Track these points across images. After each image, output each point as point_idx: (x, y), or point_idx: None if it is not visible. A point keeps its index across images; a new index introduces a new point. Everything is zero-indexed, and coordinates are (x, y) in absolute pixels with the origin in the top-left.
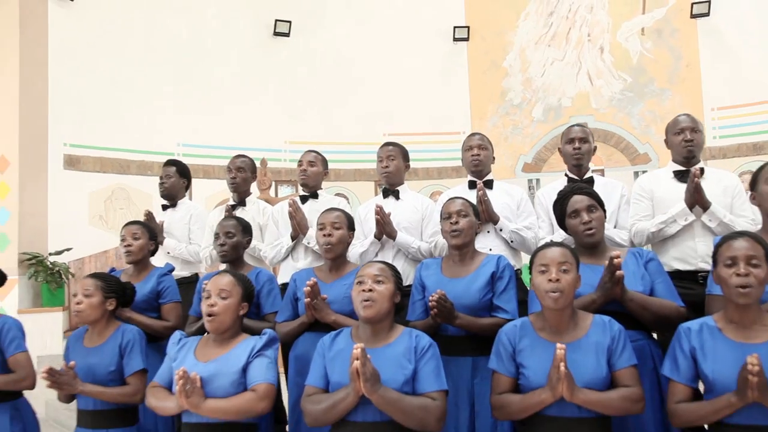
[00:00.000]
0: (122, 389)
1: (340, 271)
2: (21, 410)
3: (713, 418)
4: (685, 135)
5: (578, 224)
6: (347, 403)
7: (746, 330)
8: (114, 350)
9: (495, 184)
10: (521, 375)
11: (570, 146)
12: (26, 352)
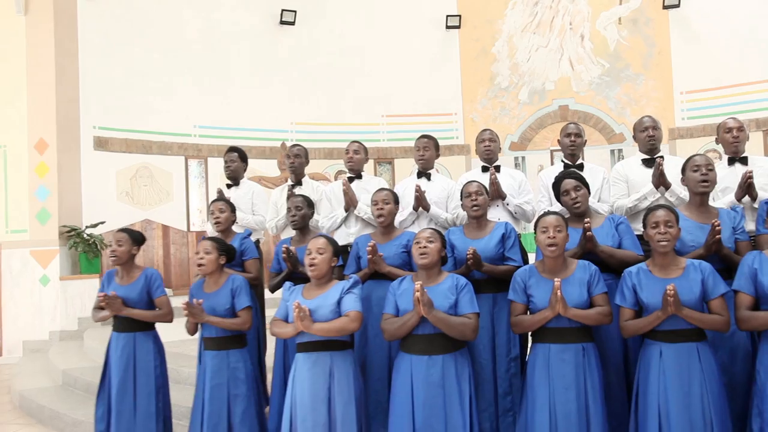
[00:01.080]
0: (235, 320)
1: (390, 235)
2: (158, 337)
3: (648, 327)
4: (648, 132)
5: (569, 200)
6: (412, 321)
7: (665, 270)
8: (227, 293)
9: (502, 169)
10: (530, 302)
11: (567, 139)
12: (166, 295)
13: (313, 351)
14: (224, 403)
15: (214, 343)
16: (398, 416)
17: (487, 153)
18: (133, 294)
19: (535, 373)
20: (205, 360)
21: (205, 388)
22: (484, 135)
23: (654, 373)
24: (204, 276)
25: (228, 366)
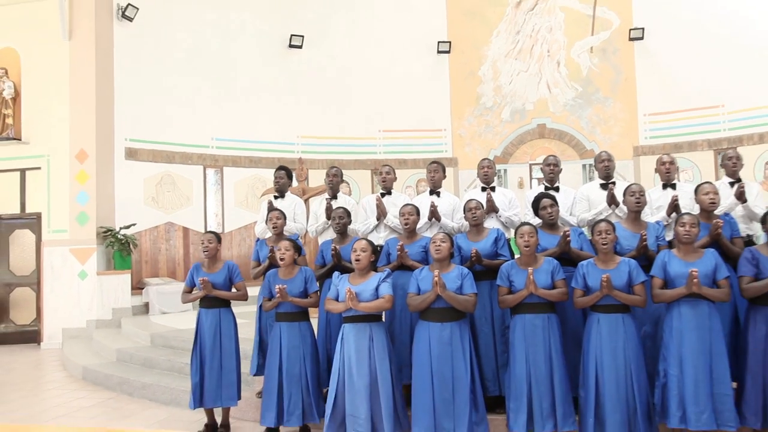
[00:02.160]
0: (308, 300)
1: (413, 238)
2: (233, 312)
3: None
4: (605, 163)
5: (545, 214)
6: (431, 298)
7: (606, 264)
8: (301, 280)
9: (496, 189)
10: (512, 285)
11: (548, 168)
12: (243, 281)
13: (359, 322)
14: (299, 359)
15: (289, 317)
16: (419, 365)
17: (486, 177)
18: (219, 280)
19: (515, 336)
20: (280, 329)
21: (281, 349)
22: (484, 163)
23: (594, 334)
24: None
25: (300, 332)
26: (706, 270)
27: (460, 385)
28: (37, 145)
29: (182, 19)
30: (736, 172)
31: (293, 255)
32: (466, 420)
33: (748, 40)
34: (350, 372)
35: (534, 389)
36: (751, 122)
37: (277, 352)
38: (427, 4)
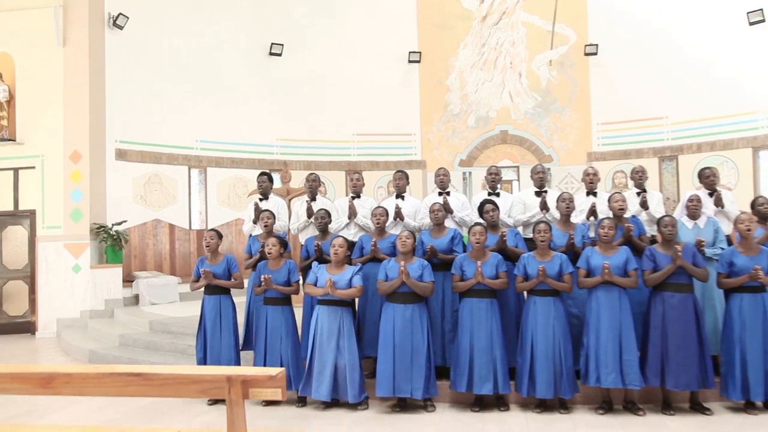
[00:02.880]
0: (290, 288)
1: (383, 235)
2: (232, 298)
3: (530, 287)
4: (539, 175)
5: (488, 217)
6: (397, 284)
7: (542, 257)
8: (286, 271)
9: (451, 194)
10: (463, 274)
11: (490, 177)
12: (240, 272)
13: (333, 306)
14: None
15: (274, 301)
16: (385, 339)
17: (441, 183)
18: (219, 270)
19: (463, 316)
20: (267, 311)
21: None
22: (440, 171)
23: (531, 313)
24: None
25: (282, 315)
26: (618, 263)
27: (417, 355)
28: (31, 146)
29: (170, 28)
30: (642, 184)
31: (279, 249)
32: (421, 383)
33: (688, 59)
34: (321, 345)
35: (476, 358)
36: (691, 133)
37: (263, 331)
38: (400, 17)
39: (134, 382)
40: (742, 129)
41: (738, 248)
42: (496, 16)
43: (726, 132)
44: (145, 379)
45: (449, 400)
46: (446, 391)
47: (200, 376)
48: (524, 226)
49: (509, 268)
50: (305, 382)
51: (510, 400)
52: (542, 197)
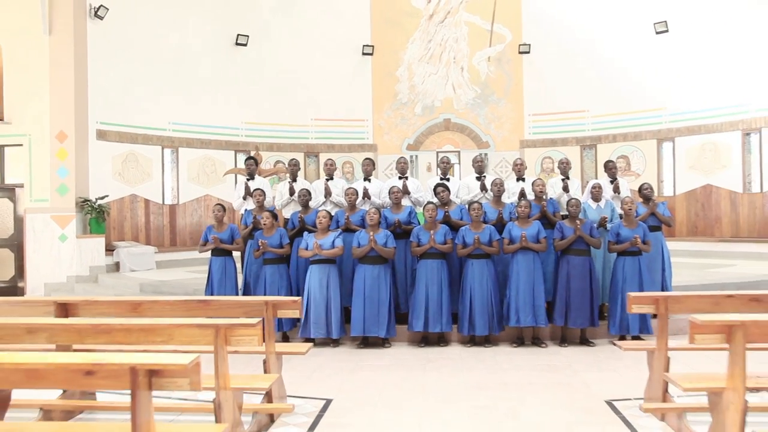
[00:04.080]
0: (282, 250)
1: (354, 210)
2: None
3: (467, 252)
4: (479, 163)
5: (440, 197)
6: (367, 249)
7: (477, 228)
8: (278, 237)
9: (409, 178)
10: (419, 241)
11: (443, 165)
12: (241, 237)
13: (321, 264)
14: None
15: (273, 261)
16: (358, 292)
17: (402, 169)
18: (225, 236)
19: (419, 273)
20: (266, 269)
21: (266, 284)
22: (401, 160)
23: (469, 272)
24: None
25: (278, 271)
26: (533, 233)
27: (382, 305)
28: (18, 126)
29: (146, 19)
30: (567, 172)
31: (272, 221)
32: (385, 326)
33: (606, 61)
34: (314, 295)
35: (430, 305)
36: (608, 125)
37: (263, 285)
38: (355, 13)
39: (199, 307)
40: (649, 123)
41: (623, 223)
42: (442, 14)
43: (636, 125)
44: (206, 304)
45: (405, 340)
46: (403, 333)
47: (245, 302)
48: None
49: (454, 236)
50: (303, 326)
51: (450, 338)
52: (481, 181)
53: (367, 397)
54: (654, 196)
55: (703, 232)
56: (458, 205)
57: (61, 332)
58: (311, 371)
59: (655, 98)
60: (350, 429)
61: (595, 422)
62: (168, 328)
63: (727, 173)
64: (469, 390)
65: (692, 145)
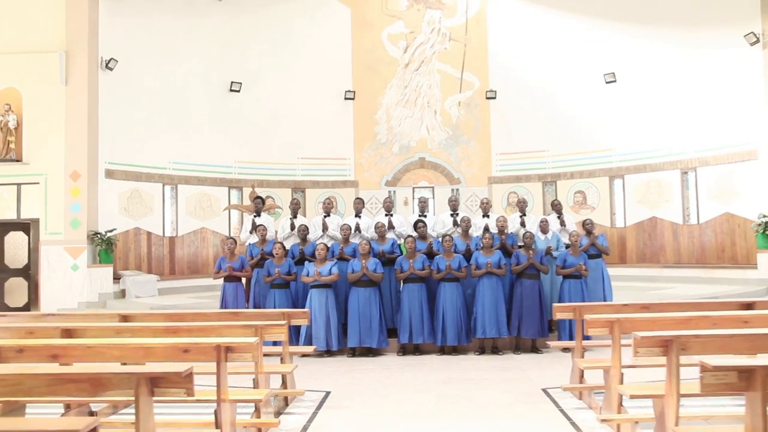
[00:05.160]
0: (291, 276)
1: (347, 243)
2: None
3: (441, 277)
4: (453, 203)
5: (419, 231)
6: (360, 275)
7: (449, 257)
8: (287, 265)
9: (394, 215)
10: (402, 268)
11: (420, 204)
12: (249, 266)
13: (321, 288)
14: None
15: (280, 286)
16: (353, 310)
17: (388, 207)
18: (236, 265)
19: (404, 295)
20: (275, 293)
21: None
22: (386, 200)
23: (442, 293)
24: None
25: (286, 295)
26: (495, 260)
27: (373, 320)
28: (35, 166)
29: (149, 69)
30: (524, 209)
31: (283, 251)
32: (376, 337)
33: (563, 106)
34: (315, 314)
35: (413, 321)
36: (566, 164)
37: (272, 304)
38: (338, 62)
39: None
40: (601, 162)
41: (569, 252)
42: (417, 63)
43: (590, 164)
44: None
45: (386, 350)
46: (393, 345)
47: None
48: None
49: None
50: (305, 342)
51: (425, 349)
52: (454, 218)
53: (357, 390)
54: (594, 230)
55: (650, 259)
56: (436, 239)
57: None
58: (312, 373)
59: (606, 140)
60: (347, 410)
61: (531, 401)
62: (218, 328)
63: (669, 207)
64: (438, 384)
65: (639, 181)
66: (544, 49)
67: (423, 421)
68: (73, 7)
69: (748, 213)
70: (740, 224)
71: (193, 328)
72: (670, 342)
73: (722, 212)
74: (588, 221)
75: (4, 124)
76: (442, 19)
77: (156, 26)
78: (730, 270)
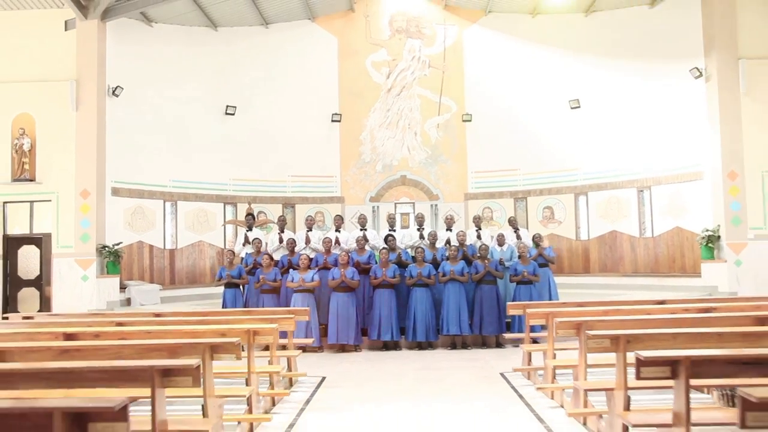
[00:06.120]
0: (276, 283)
1: (329, 254)
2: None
3: (412, 283)
4: (419, 219)
5: (389, 244)
6: (339, 282)
7: (420, 266)
8: (273, 273)
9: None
10: (376, 275)
11: (390, 219)
12: (245, 274)
13: (304, 293)
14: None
15: (269, 291)
16: (333, 312)
17: (362, 223)
18: (234, 274)
19: (376, 299)
20: (264, 297)
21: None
22: (361, 216)
23: (414, 297)
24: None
25: (273, 299)
26: (459, 269)
27: (350, 320)
28: (48, 184)
29: (151, 95)
30: (480, 225)
31: (270, 260)
32: (353, 336)
33: (532, 129)
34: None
35: (383, 321)
36: (536, 181)
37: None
38: (325, 86)
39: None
40: (567, 180)
41: (520, 261)
42: (398, 89)
43: (557, 182)
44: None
45: (368, 347)
46: (367, 343)
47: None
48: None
49: (402, 272)
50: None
51: (402, 345)
52: (420, 232)
53: (347, 376)
54: (542, 242)
55: (610, 269)
56: (404, 250)
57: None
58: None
59: (571, 160)
60: (341, 389)
61: (490, 382)
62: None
63: (627, 222)
64: (414, 371)
65: (601, 199)
66: (515, 77)
67: (403, 397)
68: (83, 40)
69: (695, 227)
70: (688, 237)
71: (220, 321)
72: (580, 325)
73: (673, 226)
74: (537, 235)
75: (18, 147)
76: (422, 48)
77: (157, 56)
78: (679, 278)
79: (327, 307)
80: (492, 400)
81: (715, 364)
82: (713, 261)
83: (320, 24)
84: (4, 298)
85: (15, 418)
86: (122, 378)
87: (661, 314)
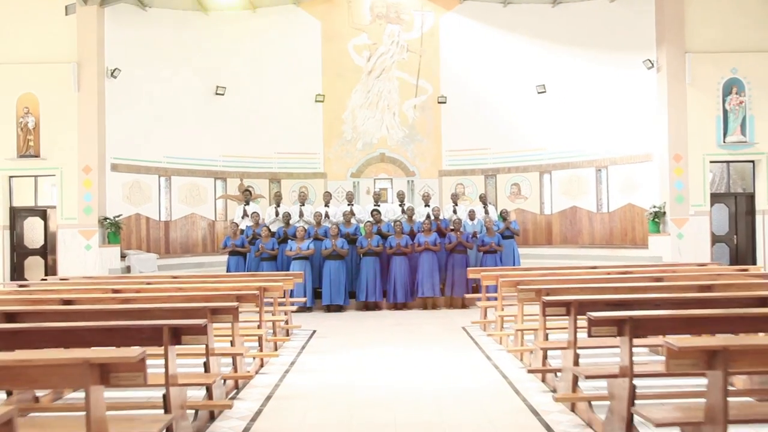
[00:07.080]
0: (274, 251)
1: (320, 226)
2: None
3: (393, 252)
4: (400, 195)
5: (375, 217)
6: (330, 251)
7: (399, 237)
8: (272, 243)
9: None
10: (362, 245)
11: (375, 195)
12: (247, 243)
13: (300, 260)
14: None
15: (268, 259)
16: (326, 277)
17: (350, 198)
18: (238, 243)
19: (362, 265)
20: (264, 264)
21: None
22: (348, 195)
23: (394, 264)
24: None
25: (272, 266)
26: (432, 240)
27: (341, 285)
28: (52, 160)
29: (147, 76)
30: (457, 201)
31: (269, 232)
32: (342, 298)
33: (502, 111)
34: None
35: (369, 285)
36: (504, 160)
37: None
38: (309, 69)
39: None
40: (533, 159)
41: (486, 233)
42: (378, 71)
43: (524, 160)
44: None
45: (353, 308)
46: (352, 304)
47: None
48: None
49: (384, 242)
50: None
51: (382, 306)
52: (402, 207)
53: (335, 329)
54: (509, 217)
55: (571, 241)
56: (387, 222)
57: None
58: (298, 321)
59: (537, 141)
60: (330, 338)
61: (453, 333)
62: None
63: (586, 198)
64: (392, 326)
65: (563, 177)
66: (487, 62)
67: (382, 343)
68: (83, 24)
69: (644, 204)
70: (638, 213)
71: (233, 281)
72: (517, 283)
73: (626, 203)
74: (504, 210)
75: (24, 125)
76: (400, 33)
77: (153, 39)
78: (630, 250)
79: (320, 272)
80: (453, 345)
81: (652, 322)
82: (659, 234)
83: (305, 8)
84: (12, 265)
85: (134, 331)
86: (185, 315)
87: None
